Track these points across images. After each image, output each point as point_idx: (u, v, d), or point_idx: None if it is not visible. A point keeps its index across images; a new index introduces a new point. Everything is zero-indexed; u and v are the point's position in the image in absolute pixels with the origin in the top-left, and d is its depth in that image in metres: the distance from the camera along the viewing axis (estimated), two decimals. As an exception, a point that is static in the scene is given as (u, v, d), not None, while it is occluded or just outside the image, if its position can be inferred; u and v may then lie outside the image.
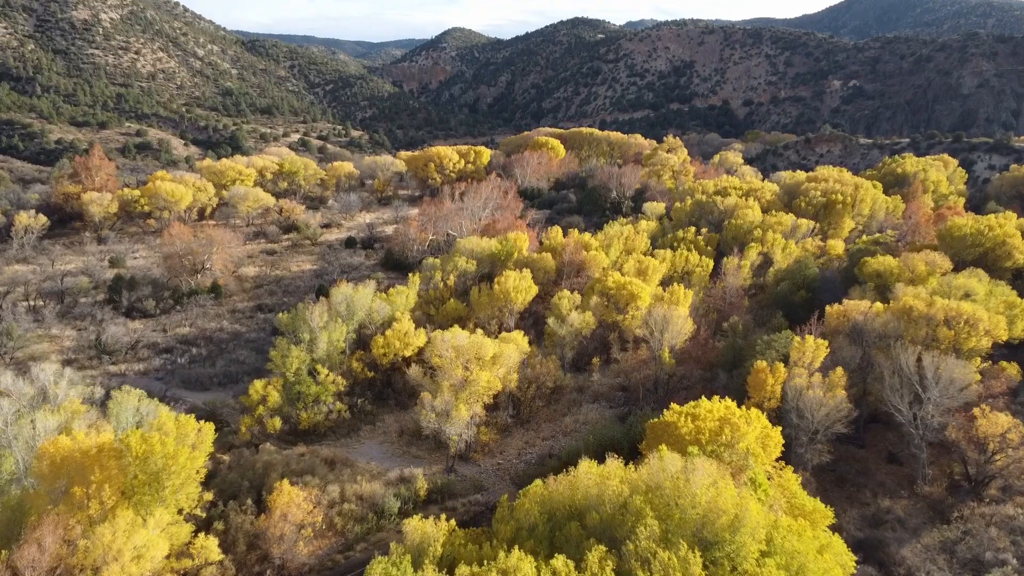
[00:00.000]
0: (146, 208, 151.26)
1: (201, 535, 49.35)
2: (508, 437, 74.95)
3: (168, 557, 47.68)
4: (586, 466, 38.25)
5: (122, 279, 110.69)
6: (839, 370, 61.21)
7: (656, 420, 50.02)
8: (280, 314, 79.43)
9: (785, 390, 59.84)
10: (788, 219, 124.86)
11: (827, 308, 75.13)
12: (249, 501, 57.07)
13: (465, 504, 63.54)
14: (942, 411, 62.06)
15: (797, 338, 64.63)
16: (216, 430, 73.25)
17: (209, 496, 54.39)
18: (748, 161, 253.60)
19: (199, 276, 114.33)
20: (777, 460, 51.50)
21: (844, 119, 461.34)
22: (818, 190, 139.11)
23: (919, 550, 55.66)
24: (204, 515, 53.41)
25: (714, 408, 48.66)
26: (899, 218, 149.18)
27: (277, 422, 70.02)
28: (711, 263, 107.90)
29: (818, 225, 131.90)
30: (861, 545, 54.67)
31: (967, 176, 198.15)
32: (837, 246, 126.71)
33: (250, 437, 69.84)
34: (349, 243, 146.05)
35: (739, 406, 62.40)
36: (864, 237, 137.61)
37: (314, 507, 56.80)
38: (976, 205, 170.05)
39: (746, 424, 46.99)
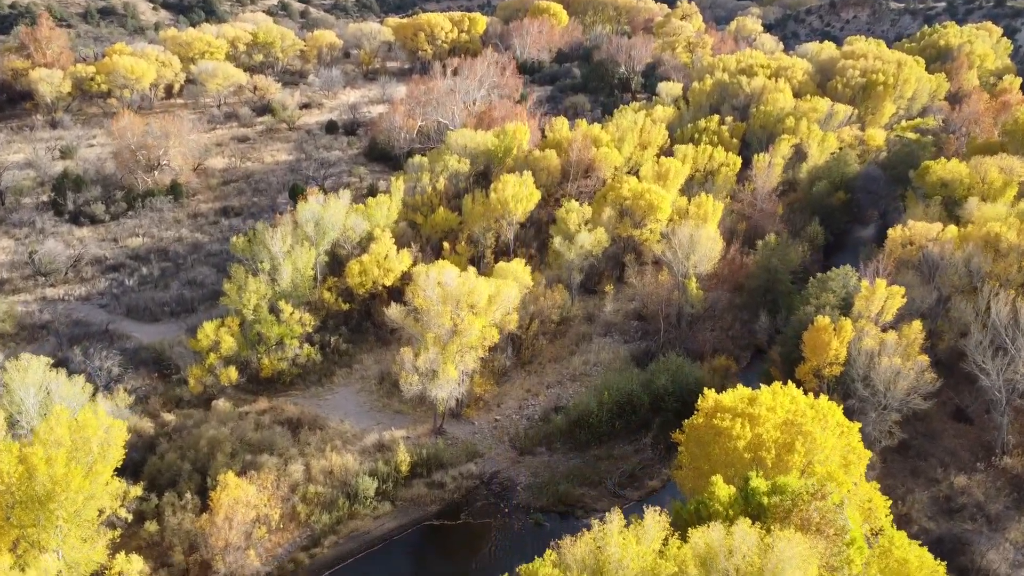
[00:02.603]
0: (103, 87, 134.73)
1: (121, 556, 39.08)
2: (507, 383, 64.16)
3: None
4: (619, 542, 27.21)
5: (68, 178, 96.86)
6: (916, 324, 49.54)
7: (697, 420, 38.67)
8: (235, 238, 66.87)
9: (851, 353, 48.23)
10: (823, 104, 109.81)
11: (889, 232, 62.57)
12: (189, 494, 46.57)
13: (455, 478, 53.40)
14: (1034, 370, 50.85)
15: (865, 284, 52.32)
16: (163, 377, 63.14)
17: (138, 491, 43.78)
18: (767, 28, 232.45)
19: (156, 173, 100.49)
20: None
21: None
22: (856, 69, 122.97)
23: (1008, 551, 45.85)
24: (130, 516, 43.09)
25: (776, 403, 37.17)
26: (941, 99, 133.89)
27: (232, 373, 58.89)
28: (739, 161, 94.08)
29: (856, 111, 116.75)
30: (938, 545, 44.58)
31: (1011, 47, 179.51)
32: (877, 135, 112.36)
33: (201, 390, 58.87)
34: (330, 128, 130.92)
35: (791, 370, 51.45)
36: (903, 123, 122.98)
37: (270, 496, 46.57)
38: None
39: (821, 429, 35.72)
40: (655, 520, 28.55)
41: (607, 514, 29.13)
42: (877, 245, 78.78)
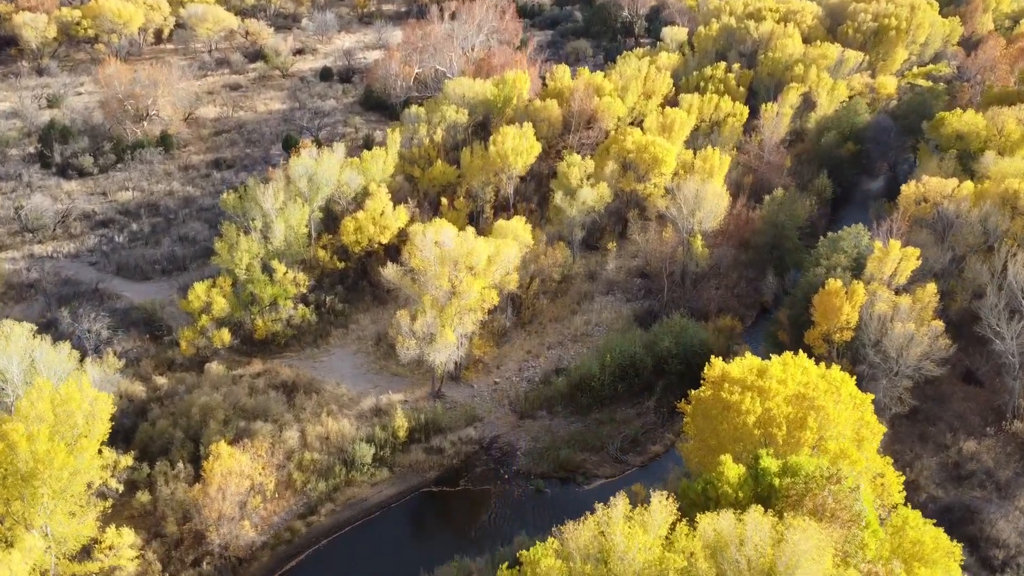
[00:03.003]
0: (90, 32, 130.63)
1: (111, 530, 38.19)
2: (507, 344, 62.71)
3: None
4: (624, 531, 25.95)
5: (55, 128, 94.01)
6: (930, 287, 47.88)
7: (704, 392, 37.19)
8: (226, 194, 64.73)
9: (863, 318, 46.61)
10: (834, 51, 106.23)
11: (903, 189, 60.41)
12: (181, 463, 45.52)
13: (454, 443, 52.34)
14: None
15: (878, 244, 50.42)
16: (154, 339, 61.63)
17: (128, 460, 42.82)
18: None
19: (145, 123, 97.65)
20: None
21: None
22: (868, 13, 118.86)
23: (1018, 520, 44.95)
24: (121, 487, 42.09)
25: (787, 374, 35.69)
26: (955, 44, 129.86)
27: (225, 335, 57.39)
28: (746, 111, 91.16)
29: (867, 57, 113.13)
30: (946, 514, 43.75)
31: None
32: (888, 83, 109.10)
33: (194, 352, 57.45)
34: (324, 75, 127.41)
35: (799, 333, 49.94)
36: (915, 69, 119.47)
37: (265, 465, 45.52)
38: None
39: (834, 403, 34.31)
40: (662, 506, 27.28)
41: (612, 498, 27.80)
42: (888, 200, 76.68)
